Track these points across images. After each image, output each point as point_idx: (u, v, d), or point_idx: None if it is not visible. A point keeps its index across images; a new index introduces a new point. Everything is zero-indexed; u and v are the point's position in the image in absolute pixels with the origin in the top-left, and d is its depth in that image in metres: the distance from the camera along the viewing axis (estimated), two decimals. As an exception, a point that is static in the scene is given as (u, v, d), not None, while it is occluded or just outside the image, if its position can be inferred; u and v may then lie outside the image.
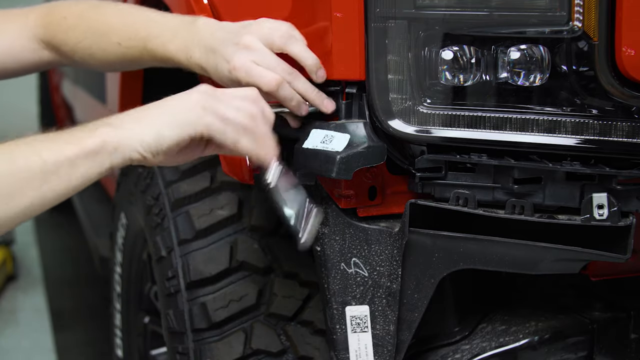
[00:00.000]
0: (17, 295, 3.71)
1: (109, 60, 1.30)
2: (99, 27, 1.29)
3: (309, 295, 1.39)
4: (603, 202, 1.01)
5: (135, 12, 1.29)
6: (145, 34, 1.23)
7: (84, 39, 1.30)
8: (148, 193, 1.59)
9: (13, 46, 1.35)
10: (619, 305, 1.33)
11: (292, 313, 1.37)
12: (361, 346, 1.17)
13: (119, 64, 1.32)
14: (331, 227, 1.16)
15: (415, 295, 1.14)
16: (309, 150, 1.10)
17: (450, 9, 1.04)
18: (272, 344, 1.35)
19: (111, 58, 1.28)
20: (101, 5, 1.33)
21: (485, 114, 1.06)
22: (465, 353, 1.28)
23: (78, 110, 3.63)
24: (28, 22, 1.35)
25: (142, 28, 1.24)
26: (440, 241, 1.10)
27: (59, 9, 1.35)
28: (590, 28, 0.98)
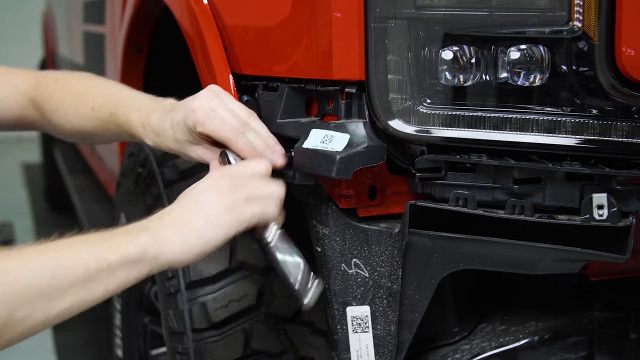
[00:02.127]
0: (17, 295, 3.70)
1: (83, 126, 1.33)
2: (81, 91, 1.35)
3: (309, 295, 1.39)
4: (603, 203, 1.01)
5: (117, 85, 1.36)
6: (117, 100, 1.28)
7: (65, 100, 1.35)
8: (148, 193, 1.59)
9: (8, 96, 1.40)
10: (619, 305, 1.33)
11: (292, 313, 1.37)
12: (362, 346, 1.17)
13: (91, 132, 1.34)
14: (331, 228, 1.16)
15: (416, 296, 1.14)
16: (308, 150, 1.10)
17: (450, 9, 1.04)
18: (272, 344, 1.35)
19: (85, 124, 1.32)
20: (90, 77, 1.40)
21: (485, 114, 1.06)
22: (465, 353, 1.28)
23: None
24: (25, 78, 1.40)
25: (117, 96, 1.30)
26: (440, 242, 1.10)
27: (53, 73, 1.42)
28: (590, 28, 0.98)
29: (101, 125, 1.30)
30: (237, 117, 1.13)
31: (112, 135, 1.31)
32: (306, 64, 1.15)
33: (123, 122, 1.25)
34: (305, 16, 1.14)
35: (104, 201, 3.21)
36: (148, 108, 1.23)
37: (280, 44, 1.20)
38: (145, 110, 1.23)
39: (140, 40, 1.93)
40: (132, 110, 1.24)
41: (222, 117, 1.12)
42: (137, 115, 1.23)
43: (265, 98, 1.23)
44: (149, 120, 1.21)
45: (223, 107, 1.13)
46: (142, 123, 1.21)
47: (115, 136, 1.32)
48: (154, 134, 1.21)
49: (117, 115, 1.26)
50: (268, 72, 1.24)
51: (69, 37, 3.51)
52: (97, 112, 1.30)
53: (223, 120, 1.12)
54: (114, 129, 1.28)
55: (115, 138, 1.34)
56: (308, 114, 1.21)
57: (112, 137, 1.33)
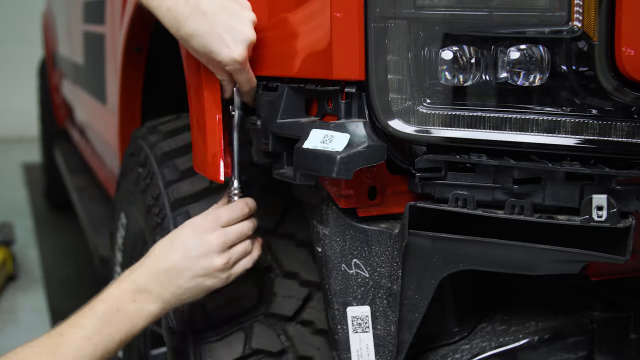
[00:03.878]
0: (17, 295, 3.71)
1: None
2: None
3: (309, 295, 1.39)
4: (602, 204, 1.01)
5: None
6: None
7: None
8: (148, 193, 1.59)
9: None
10: (619, 305, 1.33)
11: (292, 313, 1.37)
12: (362, 346, 1.17)
13: None
14: (332, 229, 1.16)
15: (416, 296, 1.14)
16: (309, 150, 1.09)
17: (450, 9, 1.04)
18: (272, 344, 1.35)
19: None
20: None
21: (485, 114, 1.06)
22: (465, 353, 1.28)
23: (78, 110, 3.63)
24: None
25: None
26: (440, 243, 1.10)
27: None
28: (590, 28, 0.98)
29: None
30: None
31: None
32: (306, 64, 1.15)
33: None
34: (305, 16, 1.14)
35: (104, 201, 3.21)
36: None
37: (280, 43, 1.20)
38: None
39: (140, 40, 1.93)
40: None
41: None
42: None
43: (265, 98, 1.23)
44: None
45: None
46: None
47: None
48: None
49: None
50: (268, 72, 1.24)
51: (69, 37, 3.51)
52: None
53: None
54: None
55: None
56: (308, 114, 1.20)
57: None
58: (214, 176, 1.26)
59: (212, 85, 1.26)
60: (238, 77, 1.22)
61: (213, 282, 1.23)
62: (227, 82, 1.25)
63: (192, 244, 1.22)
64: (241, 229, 1.25)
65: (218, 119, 1.26)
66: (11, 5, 8.02)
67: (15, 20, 7.96)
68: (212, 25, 1.16)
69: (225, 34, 1.16)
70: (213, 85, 1.26)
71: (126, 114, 2.12)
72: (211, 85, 1.26)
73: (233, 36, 1.17)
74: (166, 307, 1.23)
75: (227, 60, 1.17)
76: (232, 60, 1.17)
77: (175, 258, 1.22)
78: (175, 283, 1.22)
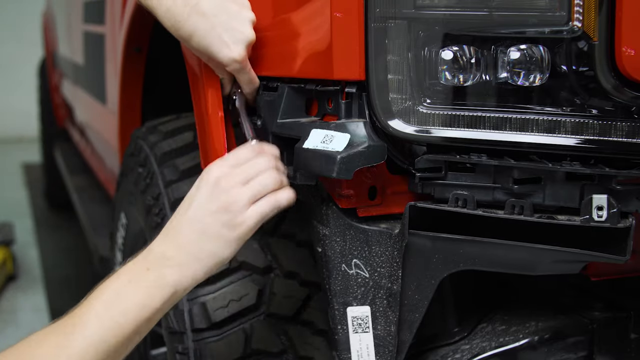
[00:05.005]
0: (17, 295, 3.71)
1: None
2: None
3: (309, 295, 1.39)
4: (602, 204, 1.01)
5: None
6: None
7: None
8: (148, 193, 1.59)
9: None
10: (619, 305, 1.33)
11: (292, 313, 1.37)
12: (362, 346, 1.17)
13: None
14: (332, 229, 1.16)
15: (416, 296, 1.14)
16: (309, 151, 1.10)
17: (450, 9, 1.04)
18: (272, 344, 1.35)
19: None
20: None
21: (485, 114, 1.06)
22: (465, 353, 1.28)
23: (78, 110, 3.63)
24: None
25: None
26: (440, 243, 1.10)
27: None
28: (590, 28, 0.98)
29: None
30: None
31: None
32: (306, 64, 1.15)
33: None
34: (305, 16, 1.14)
35: (104, 201, 3.21)
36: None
37: (280, 43, 1.20)
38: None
39: (140, 40, 1.93)
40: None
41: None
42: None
43: (265, 98, 1.23)
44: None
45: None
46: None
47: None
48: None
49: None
50: (268, 72, 1.24)
51: (69, 37, 3.51)
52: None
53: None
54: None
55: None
56: (308, 114, 1.20)
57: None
58: None
59: (214, 83, 1.26)
60: (240, 78, 1.22)
61: (227, 229, 1.08)
62: (227, 80, 1.25)
63: (198, 191, 1.10)
64: (254, 162, 1.12)
65: (221, 117, 1.26)
66: (11, 5, 8.02)
67: (16, 20, 7.96)
68: (212, 25, 1.16)
69: (225, 34, 1.16)
70: (214, 83, 1.26)
71: (126, 114, 2.12)
72: (212, 82, 1.26)
73: (232, 36, 1.17)
74: (185, 273, 1.07)
75: (227, 60, 1.18)
76: (232, 60, 1.17)
77: (185, 212, 1.10)
78: (188, 239, 1.08)
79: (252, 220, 1.10)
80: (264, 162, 1.13)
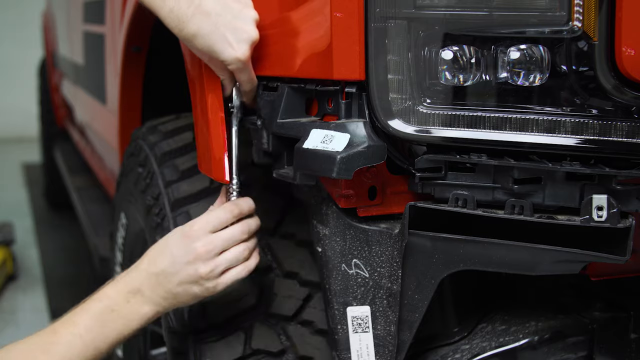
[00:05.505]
0: (17, 295, 3.71)
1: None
2: None
3: (309, 295, 1.39)
4: (602, 204, 1.01)
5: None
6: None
7: None
8: (148, 193, 1.59)
9: None
10: (619, 305, 1.33)
11: (292, 313, 1.37)
12: (362, 346, 1.17)
13: None
14: (332, 229, 1.16)
15: (416, 296, 1.14)
16: (309, 150, 1.10)
17: (450, 9, 1.04)
18: (272, 344, 1.35)
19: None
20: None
21: (485, 114, 1.06)
22: (465, 353, 1.28)
23: (78, 110, 3.63)
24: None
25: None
26: (439, 243, 1.10)
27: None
28: (590, 28, 0.98)
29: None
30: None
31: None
32: (306, 64, 1.15)
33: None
34: (305, 16, 1.14)
35: (104, 201, 3.21)
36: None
37: (280, 43, 1.20)
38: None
39: (140, 40, 1.93)
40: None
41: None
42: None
43: (265, 98, 1.23)
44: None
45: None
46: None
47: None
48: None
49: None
50: (268, 72, 1.24)
51: (69, 37, 3.51)
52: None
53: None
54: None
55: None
56: (308, 114, 1.20)
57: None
58: (219, 177, 1.25)
59: (214, 84, 1.26)
60: (240, 77, 1.22)
61: (200, 289, 1.22)
62: (228, 81, 1.25)
63: (179, 251, 1.22)
64: (231, 234, 1.22)
65: (221, 119, 1.26)
66: (11, 5, 8.02)
67: (16, 20, 7.96)
68: (216, 25, 1.16)
69: (229, 34, 1.16)
70: (215, 84, 1.26)
71: (126, 114, 2.12)
72: (213, 84, 1.26)
73: (236, 35, 1.17)
74: (159, 310, 1.24)
75: (231, 59, 1.17)
76: (236, 59, 1.17)
77: (164, 263, 1.22)
78: (165, 287, 1.22)
79: (223, 286, 1.23)
80: (239, 234, 1.23)
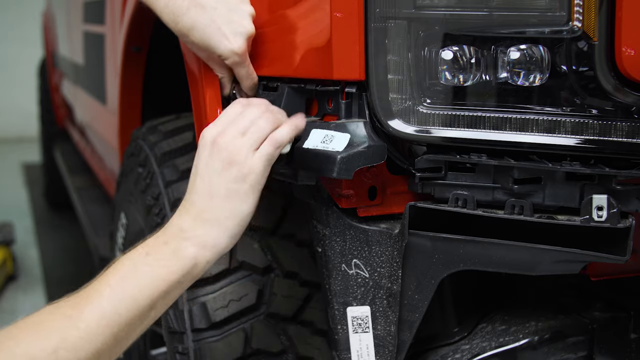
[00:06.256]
0: (17, 295, 3.71)
1: None
2: None
3: (309, 295, 1.39)
4: (602, 204, 1.01)
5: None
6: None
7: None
8: (148, 193, 1.59)
9: None
10: (619, 305, 1.33)
11: (292, 313, 1.37)
12: (362, 346, 1.17)
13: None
14: (332, 229, 1.16)
15: (416, 296, 1.14)
16: (309, 150, 1.10)
17: (450, 9, 1.04)
18: (272, 344, 1.35)
19: None
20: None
21: (485, 114, 1.06)
22: (465, 353, 1.28)
23: (78, 110, 3.63)
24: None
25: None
26: (440, 243, 1.10)
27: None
28: (590, 28, 0.98)
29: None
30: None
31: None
32: (306, 64, 1.15)
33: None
34: (305, 16, 1.14)
35: (104, 201, 3.21)
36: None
37: (280, 43, 1.20)
38: None
39: (140, 40, 1.93)
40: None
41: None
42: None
43: (265, 98, 1.23)
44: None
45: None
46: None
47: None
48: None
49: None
50: (268, 72, 1.24)
51: (69, 37, 3.51)
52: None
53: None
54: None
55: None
56: (308, 114, 1.20)
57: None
58: None
59: (213, 83, 1.26)
60: (238, 72, 1.22)
61: (237, 183, 1.04)
62: (227, 79, 1.24)
63: (199, 157, 1.08)
64: (244, 113, 1.10)
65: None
66: (12, 5, 8.02)
67: (16, 20, 7.96)
68: (211, 18, 1.16)
69: (224, 27, 1.16)
70: (213, 83, 1.26)
71: (126, 114, 2.12)
72: (211, 82, 1.26)
73: (232, 29, 1.16)
74: (205, 243, 1.04)
75: (227, 53, 1.17)
76: (232, 52, 1.17)
77: (192, 183, 1.07)
78: (202, 207, 1.05)
79: (260, 166, 1.07)
80: (255, 110, 1.10)
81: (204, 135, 1.09)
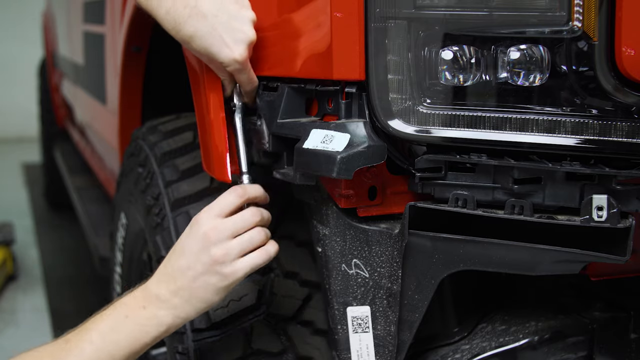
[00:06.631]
0: (17, 295, 3.71)
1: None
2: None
3: (309, 295, 1.39)
4: (602, 204, 1.01)
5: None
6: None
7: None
8: (148, 193, 1.59)
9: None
10: (619, 305, 1.33)
11: (292, 313, 1.37)
12: (362, 346, 1.17)
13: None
14: (332, 229, 1.16)
15: (416, 296, 1.14)
16: (309, 150, 1.10)
17: (450, 9, 1.04)
18: (272, 344, 1.35)
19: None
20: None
21: (485, 114, 1.06)
22: (465, 353, 1.28)
23: (78, 110, 3.63)
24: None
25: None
26: (439, 243, 1.10)
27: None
28: (590, 28, 0.98)
29: None
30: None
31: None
32: (306, 64, 1.15)
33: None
34: (306, 16, 1.14)
35: (104, 201, 3.21)
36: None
37: (280, 44, 1.20)
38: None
39: (140, 40, 1.93)
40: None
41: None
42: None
43: (265, 98, 1.23)
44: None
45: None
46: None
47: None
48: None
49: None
50: (268, 72, 1.24)
51: (69, 37, 3.51)
52: None
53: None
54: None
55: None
56: (308, 114, 1.21)
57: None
58: (221, 176, 1.25)
59: (215, 84, 1.26)
60: (239, 77, 1.22)
61: (218, 279, 1.14)
62: (228, 81, 1.25)
63: (189, 242, 1.16)
64: (241, 216, 1.16)
65: (222, 119, 1.26)
66: (12, 5, 8.02)
67: (16, 20, 7.96)
68: (212, 26, 1.16)
69: (225, 35, 1.16)
70: (215, 84, 1.26)
71: (126, 114, 2.12)
72: (214, 84, 1.26)
73: (233, 36, 1.16)
74: (178, 315, 1.16)
75: (228, 60, 1.17)
76: (233, 60, 1.17)
77: (177, 260, 1.17)
78: (181, 285, 1.15)
79: (243, 272, 1.15)
80: (250, 217, 1.17)
81: (198, 224, 1.16)
